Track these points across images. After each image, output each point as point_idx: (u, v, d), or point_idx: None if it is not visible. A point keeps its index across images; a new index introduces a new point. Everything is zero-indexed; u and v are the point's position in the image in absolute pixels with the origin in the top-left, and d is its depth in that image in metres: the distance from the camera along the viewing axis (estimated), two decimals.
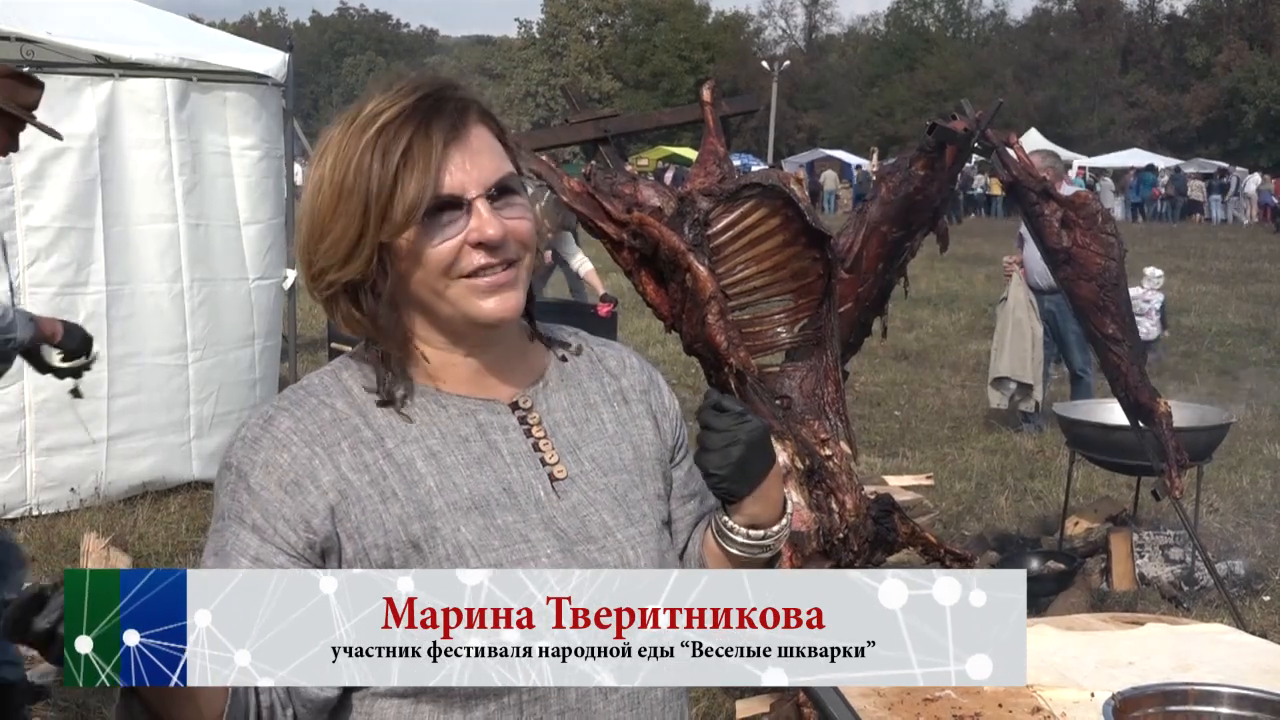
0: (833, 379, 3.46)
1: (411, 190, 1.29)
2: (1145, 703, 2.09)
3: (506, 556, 1.33)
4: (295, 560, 1.30)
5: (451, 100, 1.34)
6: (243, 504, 1.32)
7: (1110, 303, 4.30)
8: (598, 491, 1.42)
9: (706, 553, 1.50)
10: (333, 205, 1.32)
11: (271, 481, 1.32)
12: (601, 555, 1.39)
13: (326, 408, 1.37)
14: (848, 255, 3.75)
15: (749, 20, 73.62)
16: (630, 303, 10.63)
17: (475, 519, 1.34)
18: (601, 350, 1.55)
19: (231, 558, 1.31)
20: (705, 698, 4.37)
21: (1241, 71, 54.71)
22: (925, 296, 15.31)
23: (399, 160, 1.29)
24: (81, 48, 6.29)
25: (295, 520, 1.31)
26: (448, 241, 1.32)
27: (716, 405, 1.40)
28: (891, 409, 9.66)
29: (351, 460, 1.33)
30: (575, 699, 1.34)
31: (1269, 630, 4.93)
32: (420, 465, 1.35)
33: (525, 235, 1.36)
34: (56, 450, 6.22)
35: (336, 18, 74.28)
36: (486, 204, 1.32)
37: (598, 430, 1.47)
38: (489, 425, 1.40)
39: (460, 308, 1.34)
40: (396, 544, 1.31)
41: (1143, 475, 5.60)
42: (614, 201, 3.31)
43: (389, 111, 1.32)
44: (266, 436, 1.34)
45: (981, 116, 4.04)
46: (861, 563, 3.51)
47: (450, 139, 1.32)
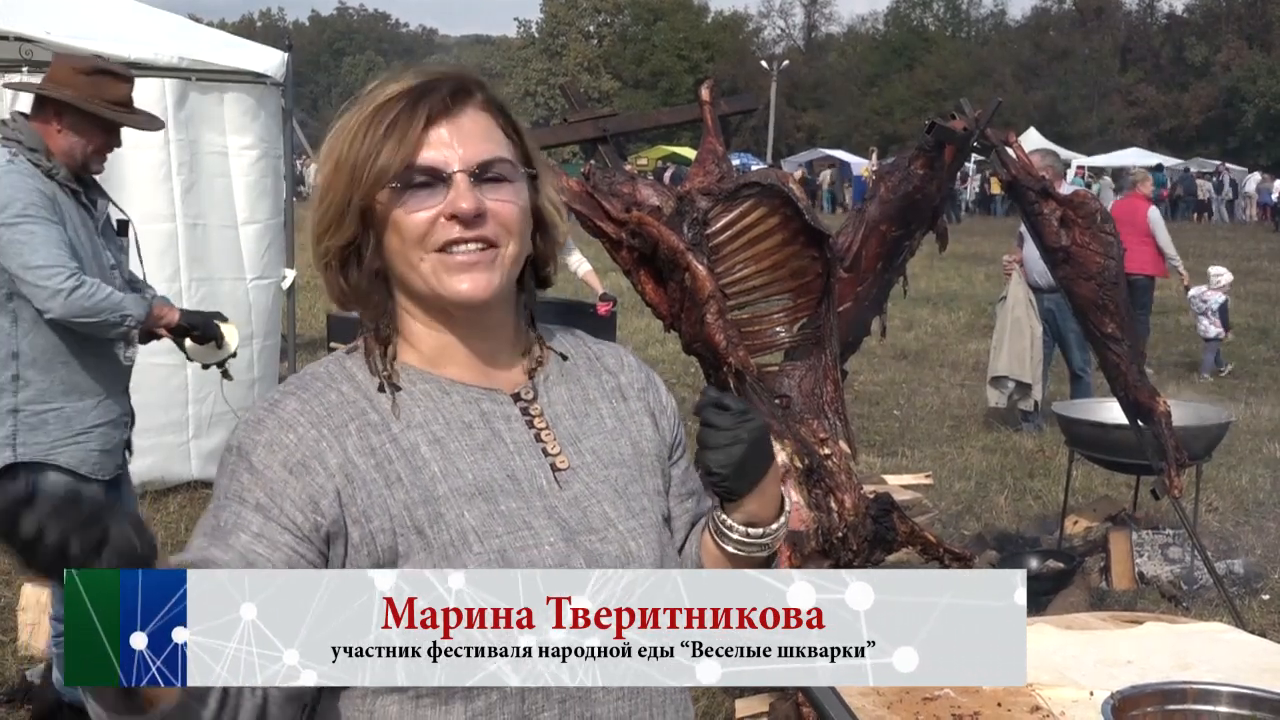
0: (832, 378, 3.45)
1: (384, 155, 1.32)
2: (1144, 701, 2.09)
3: (510, 543, 1.34)
4: (299, 541, 1.29)
5: (451, 83, 1.37)
6: (243, 483, 1.31)
7: (1109, 301, 4.29)
8: (599, 483, 1.43)
9: (704, 552, 1.50)
10: (329, 174, 1.35)
11: (276, 461, 1.31)
12: (603, 545, 1.39)
13: (333, 390, 1.37)
14: (847, 254, 3.75)
15: (748, 20, 73.68)
16: (629, 302, 10.63)
17: (479, 504, 1.34)
18: (599, 348, 1.56)
19: (228, 533, 1.29)
20: (705, 697, 4.36)
21: (1241, 70, 54.74)
22: (924, 295, 15.31)
23: (383, 131, 1.33)
24: (80, 47, 6.26)
25: (302, 501, 1.30)
26: (423, 212, 1.33)
27: (718, 403, 1.40)
28: (890, 408, 9.66)
29: (358, 443, 1.33)
30: (576, 688, 1.34)
31: (1268, 629, 4.93)
32: (425, 450, 1.35)
33: (508, 219, 1.36)
34: None
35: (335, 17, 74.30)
36: (467, 179, 1.33)
37: (597, 424, 1.48)
38: (492, 414, 1.41)
39: (430, 283, 1.35)
40: (401, 528, 1.31)
41: (1142, 474, 5.60)
42: (613, 201, 3.31)
43: (388, 89, 1.35)
44: (271, 417, 1.34)
45: (980, 115, 4.03)
46: (860, 562, 3.51)
47: (439, 115, 1.34)
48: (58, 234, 3.44)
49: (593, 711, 1.36)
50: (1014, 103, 49.94)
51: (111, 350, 3.63)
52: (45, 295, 3.41)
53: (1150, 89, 57.46)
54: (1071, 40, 61.17)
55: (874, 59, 65.78)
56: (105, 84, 3.53)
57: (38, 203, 3.43)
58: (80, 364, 3.56)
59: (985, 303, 13.39)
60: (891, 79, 62.10)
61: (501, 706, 1.32)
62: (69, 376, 3.56)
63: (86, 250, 3.55)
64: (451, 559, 1.31)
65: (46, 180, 3.50)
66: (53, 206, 3.46)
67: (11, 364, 3.53)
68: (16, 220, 3.39)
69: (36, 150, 3.51)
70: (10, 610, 4.91)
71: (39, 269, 3.39)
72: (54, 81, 3.54)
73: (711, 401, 1.40)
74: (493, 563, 1.32)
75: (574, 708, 1.35)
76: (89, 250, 3.56)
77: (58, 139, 3.53)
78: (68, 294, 3.40)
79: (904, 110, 57.10)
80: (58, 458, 3.54)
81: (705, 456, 1.40)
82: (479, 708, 1.31)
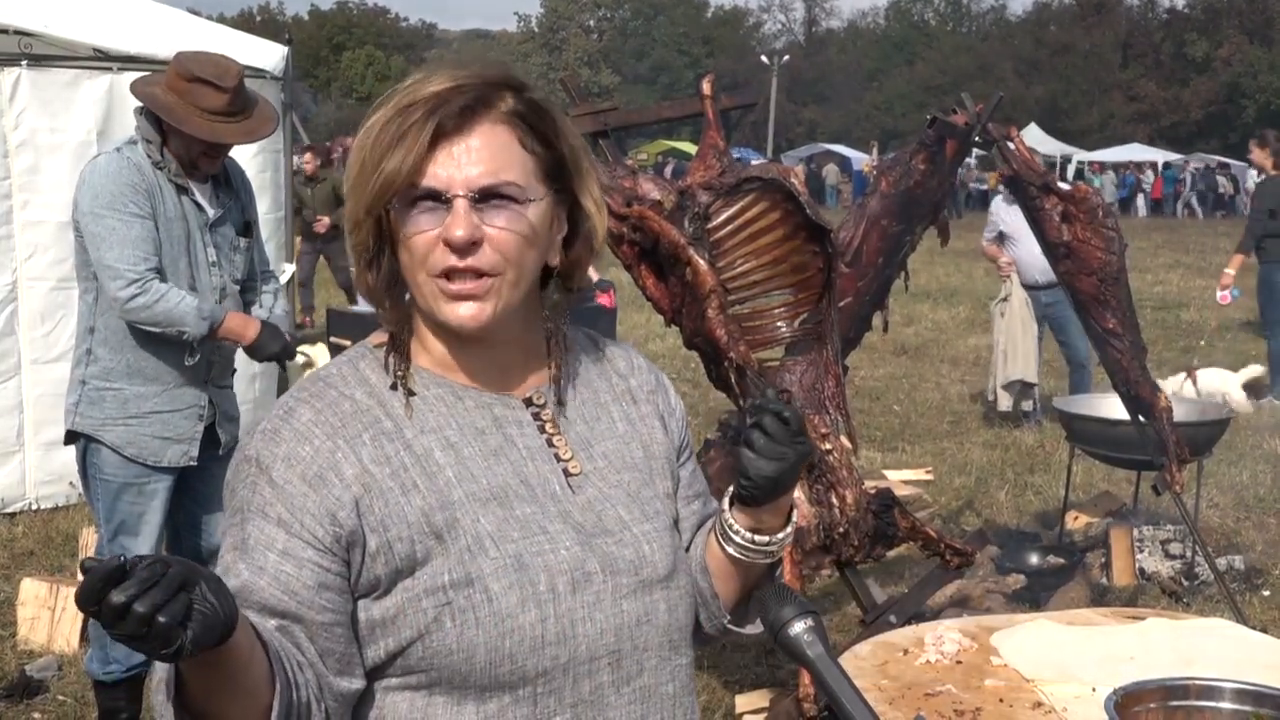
0: (833, 373, 3.44)
1: (390, 168, 1.29)
2: (1147, 697, 2.08)
3: (526, 547, 1.33)
4: (322, 554, 1.29)
5: (473, 92, 1.31)
6: (265, 497, 1.30)
7: (1111, 297, 4.28)
8: (611, 487, 1.43)
9: (709, 555, 1.50)
10: (356, 169, 1.33)
11: (294, 475, 1.30)
12: (619, 549, 1.38)
13: (347, 399, 1.36)
14: (848, 249, 3.74)
15: (748, 14, 73.74)
16: (630, 297, 10.61)
17: (494, 509, 1.34)
18: (610, 350, 1.55)
19: (257, 551, 1.29)
20: (705, 691, 4.36)
21: (1241, 66, 54.70)
22: (925, 291, 15.31)
23: (396, 141, 1.29)
24: (80, 41, 6.27)
25: (321, 514, 1.29)
26: (425, 234, 1.30)
27: (780, 415, 1.38)
28: (891, 403, 9.65)
29: (373, 452, 1.33)
30: (588, 691, 1.35)
31: (1269, 625, 4.92)
32: (439, 455, 1.35)
33: (507, 248, 1.31)
34: (55, 445, 6.19)
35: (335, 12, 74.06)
36: (466, 204, 1.29)
37: (608, 429, 1.47)
38: (505, 419, 1.40)
39: (430, 305, 1.34)
40: (419, 535, 1.31)
41: (1143, 470, 5.59)
42: (614, 195, 3.30)
43: (417, 92, 1.31)
44: (287, 428, 1.33)
45: (982, 110, 4.02)
46: (861, 557, 3.51)
47: (450, 130, 1.30)
48: (139, 230, 3.51)
49: (605, 716, 1.37)
50: (1015, 98, 49.93)
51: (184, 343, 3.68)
52: (109, 295, 3.54)
53: (1151, 84, 57.42)
54: (1072, 35, 61.08)
55: (874, 54, 65.75)
56: (202, 93, 3.52)
57: (127, 195, 3.51)
58: (147, 351, 3.64)
59: (985, 298, 13.37)
60: (892, 74, 62.07)
61: (514, 709, 1.32)
62: (135, 361, 3.64)
63: (177, 246, 3.61)
64: (468, 564, 1.30)
65: (152, 172, 3.57)
66: (146, 198, 3.53)
67: (88, 338, 3.67)
68: (102, 212, 3.50)
69: (151, 143, 3.59)
70: (10, 605, 4.90)
71: (107, 269, 3.51)
72: (164, 85, 3.56)
73: (774, 410, 1.38)
74: (509, 567, 1.31)
75: (586, 712, 1.35)
76: (180, 246, 3.62)
77: (170, 138, 3.60)
78: (125, 301, 3.51)
79: (904, 105, 57.07)
80: (105, 435, 3.64)
81: (748, 462, 1.38)
82: (491, 710, 1.31)
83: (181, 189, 3.62)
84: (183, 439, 3.70)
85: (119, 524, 3.68)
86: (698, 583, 1.50)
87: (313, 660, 1.28)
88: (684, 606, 1.45)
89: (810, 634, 1.29)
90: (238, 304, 3.81)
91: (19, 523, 6.09)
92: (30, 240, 6.06)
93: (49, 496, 6.28)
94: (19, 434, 6.18)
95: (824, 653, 1.28)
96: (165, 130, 3.58)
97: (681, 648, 1.45)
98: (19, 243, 6.04)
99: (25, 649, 4.66)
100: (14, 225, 6.03)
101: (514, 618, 1.30)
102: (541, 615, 1.31)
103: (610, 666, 1.36)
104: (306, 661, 1.27)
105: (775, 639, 1.31)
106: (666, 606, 1.41)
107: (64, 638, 4.65)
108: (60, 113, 6.08)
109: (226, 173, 3.81)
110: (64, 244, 6.07)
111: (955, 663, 2.62)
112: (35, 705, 4.25)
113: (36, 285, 6.09)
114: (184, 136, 3.55)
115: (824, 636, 1.30)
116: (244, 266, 3.84)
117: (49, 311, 6.11)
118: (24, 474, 6.23)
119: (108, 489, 3.66)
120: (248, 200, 3.90)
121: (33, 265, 6.08)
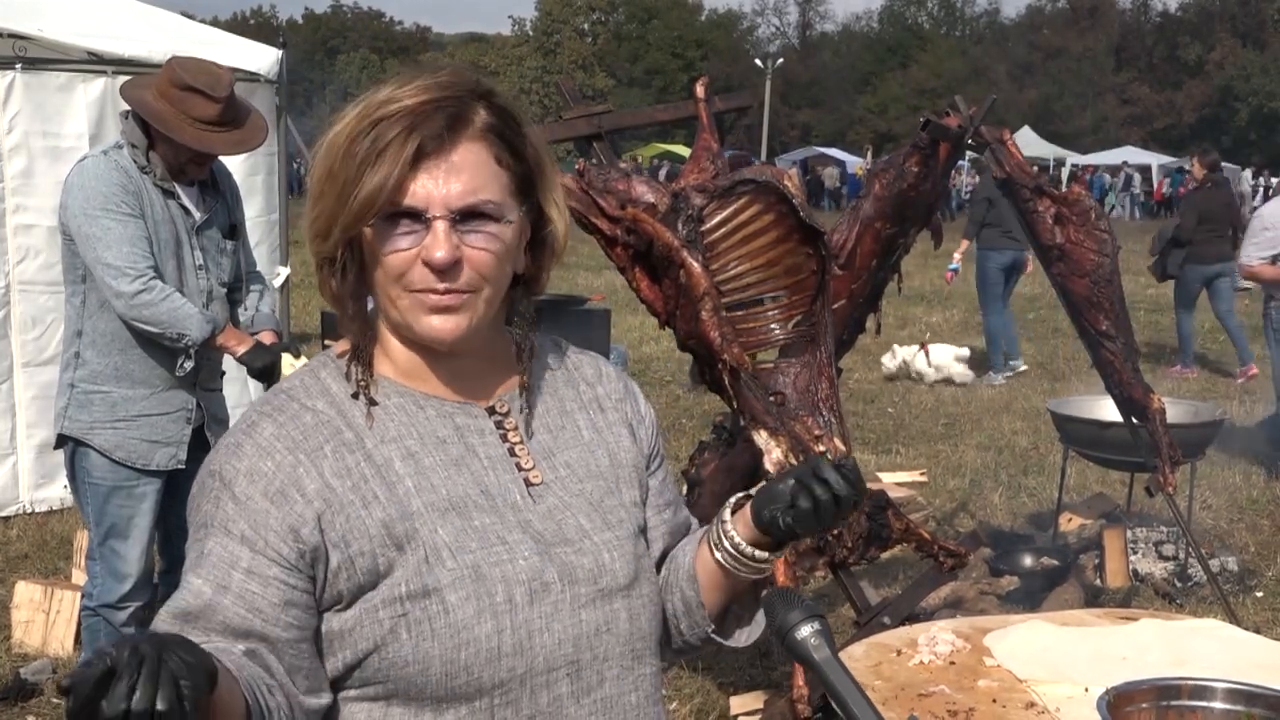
0: (827, 375, 3.45)
1: (370, 186, 1.27)
2: (1139, 697, 2.09)
3: (484, 558, 1.32)
4: (287, 571, 1.28)
5: (451, 109, 1.30)
6: (228, 513, 1.30)
7: (1104, 299, 4.29)
8: (573, 496, 1.42)
9: (699, 563, 1.48)
10: (322, 179, 1.32)
11: (256, 491, 1.30)
12: (578, 558, 1.38)
13: (308, 411, 1.35)
14: (841, 252, 3.74)
15: (742, 18, 73.77)
16: (623, 299, 10.61)
17: (453, 520, 1.33)
18: (578, 359, 1.55)
19: (221, 569, 1.28)
20: (700, 694, 4.37)
21: (1234, 69, 54.86)
22: (919, 293, 15.33)
23: (374, 157, 1.28)
24: (74, 44, 6.27)
25: (284, 531, 1.29)
26: (402, 253, 1.30)
27: (849, 476, 1.37)
28: (885, 406, 9.66)
29: (334, 465, 1.32)
30: (547, 703, 1.34)
31: (1262, 626, 4.94)
32: (399, 465, 1.34)
33: (484, 266, 1.31)
34: (48, 448, 6.16)
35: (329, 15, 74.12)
36: (446, 225, 1.28)
37: (573, 437, 1.47)
38: (466, 429, 1.40)
39: (406, 319, 1.33)
40: (381, 547, 1.30)
41: (1136, 471, 5.60)
42: (608, 198, 3.30)
43: (391, 105, 1.29)
44: (249, 443, 1.33)
45: (975, 113, 4.03)
46: (855, 559, 3.51)
47: (430, 150, 1.28)
48: (135, 229, 3.53)
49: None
50: (1008, 101, 50.03)
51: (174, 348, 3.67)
52: (112, 293, 3.54)
53: (1144, 87, 57.59)
54: (1065, 39, 61.21)
55: (868, 57, 65.83)
56: (193, 102, 3.52)
57: (119, 196, 3.53)
58: (137, 354, 3.64)
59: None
60: (886, 77, 62.15)
61: (470, 719, 1.31)
62: (123, 364, 3.64)
63: (165, 250, 3.62)
64: (425, 575, 1.30)
65: (138, 176, 3.58)
66: (135, 201, 3.55)
67: (75, 341, 3.68)
68: (96, 213, 3.51)
69: (137, 147, 3.60)
70: (4, 608, 4.90)
71: (109, 267, 3.51)
72: (155, 91, 3.56)
73: (846, 466, 1.37)
74: (466, 578, 1.31)
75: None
76: (168, 250, 3.62)
77: (158, 142, 3.61)
78: (130, 297, 3.51)
79: (898, 108, 57.17)
80: (94, 438, 3.64)
81: (799, 516, 1.36)
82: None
83: (168, 193, 3.63)
84: (171, 442, 3.70)
85: (109, 527, 3.68)
86: (684, 590, 1.48)
87: (282, 681, 1.28)
88: (647, 615, 1.43)
89: (817, 638, 1.28)
90: (225, 307, 3.81)
91: (13, 526, 6.08)
92: (23, 244, 6.05)
93: (43, 500, 6.27)
94: (12, 437, 6.17)
95: (831, 656, 1.27)
96: (153, 135, 3.59)
97: (645, 657, 1.43)
98: (11, 246, 6.03)
99: (20, 652, 4.66)
100: (7, 229, 6.02)
101: (470, 629, 1.29)
102: (498, 626, 1.30)
103: (569, 677, 1.35)
104: (276, 684, 1.27)
105: (782, 642, 1.30)
106: (628, 615, 1.40)
107: (58, 640, 4.64)
108: (54, 116, 6.07)
109: (213, 175, 3.81)
110: (56, 248, 6.05)
111: (949, 663, 2.63)
112: (30, 708, 4.25)
113: (29, 289, 6.09)
114: (173, 143, 3.55)
115: (831, 640, 1.29)
116: (230, 269, 3.85)
117: (41, 315, 6.10)
118: (17, 477, 6.23)
119: (97, 493, 3.66)
120: (234, 202, 3.91)
121: (25, 269, 6.07)
